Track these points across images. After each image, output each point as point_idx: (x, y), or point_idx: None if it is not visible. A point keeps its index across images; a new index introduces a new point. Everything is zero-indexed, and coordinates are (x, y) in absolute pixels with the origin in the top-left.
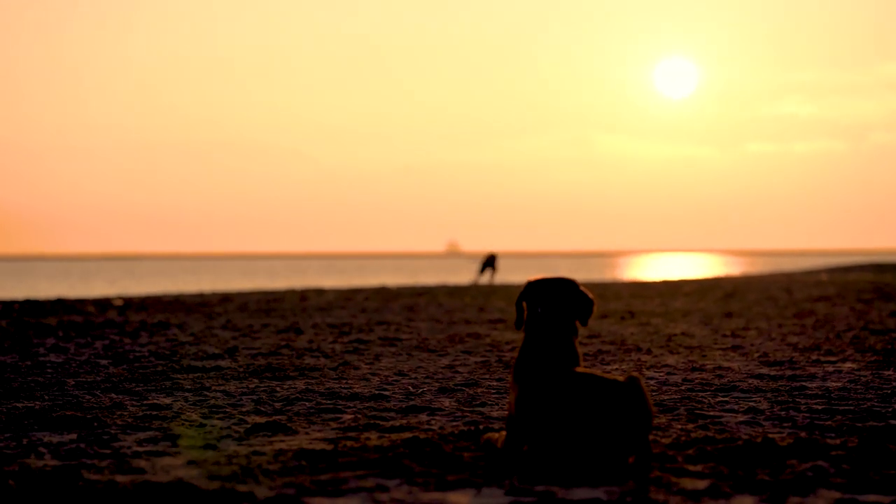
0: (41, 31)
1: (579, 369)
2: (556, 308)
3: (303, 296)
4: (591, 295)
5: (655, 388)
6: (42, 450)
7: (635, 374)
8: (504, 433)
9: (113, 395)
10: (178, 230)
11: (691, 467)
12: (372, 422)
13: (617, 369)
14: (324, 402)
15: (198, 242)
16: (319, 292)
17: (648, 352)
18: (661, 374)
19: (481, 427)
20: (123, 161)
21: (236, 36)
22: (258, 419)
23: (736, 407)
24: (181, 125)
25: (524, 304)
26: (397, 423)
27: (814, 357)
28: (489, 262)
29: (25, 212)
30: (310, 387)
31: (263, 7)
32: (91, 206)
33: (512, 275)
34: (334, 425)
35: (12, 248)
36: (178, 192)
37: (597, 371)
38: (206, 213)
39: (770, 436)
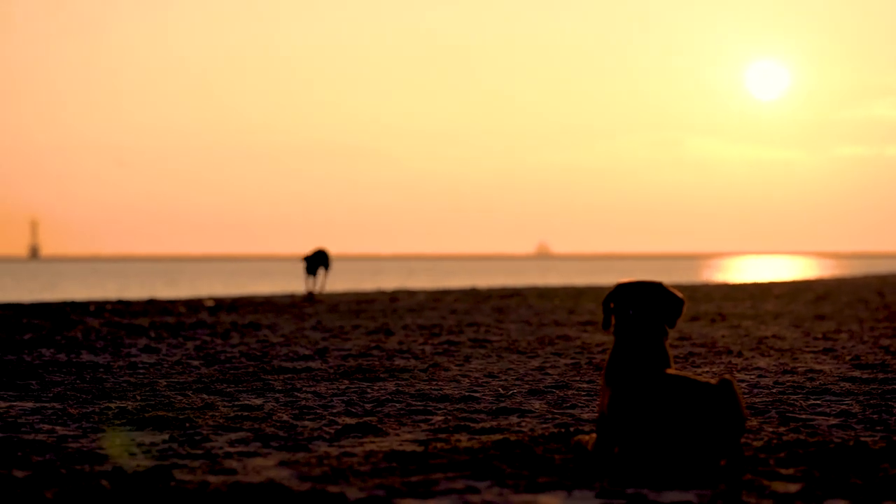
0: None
1: (670, 371)
2: (647, 310)
3: (393, 297)
4: (680, 295)
5: (747, 390)
6: (135, 450)
7: (727, 376)
8: (594, 435)
9: (204, 396)
10: (266, 232)
11: (783, 471)
12: (462, 423)
13: (708, 372)
14: (414, 403)
15: (285, 244)
16: (410, 294)
17: (739, 354)
18: (753, 376)
19: (571, 429)
20: (204, 164)
21: (325, 35)
22: (349, 420)
23: (828, 410)
24: (261, 127)
25: (612, 305)
26: (487, 425)
27: None
28: (317, 260)
29: (102, 212)
30: (400, 388)
31: (349, 5)
32: (171, 207)
33: (600, 277)
34: (425, 427)
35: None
36: (262, 195)
37: (688, 373)
38: (292, 215)
39: (862, 439)
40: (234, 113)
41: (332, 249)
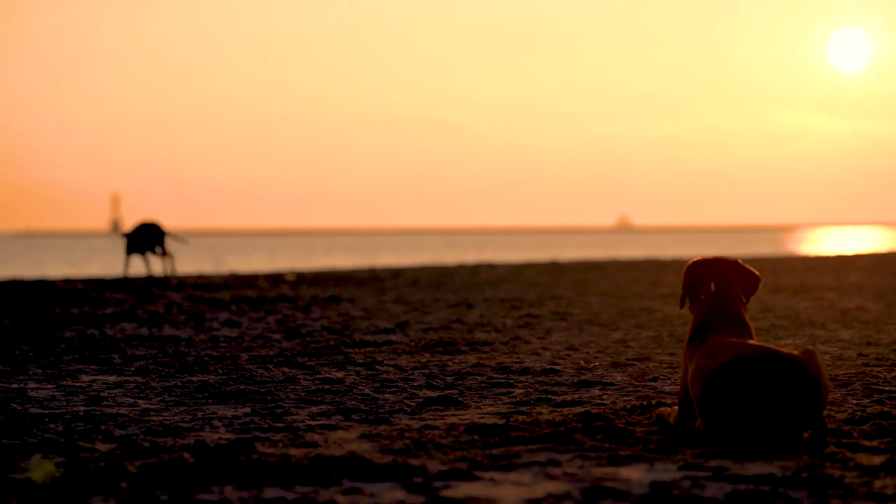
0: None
1: (752, 342)
2: (727, 284)
3: (474, 270)
4: (756, 272)
5: (830, 362)
6: (217, 423)
7: (811, 347)
8: (676, 408)
9: (286, 369)
10: (348, 206)
11: (867, 443)
12: (543, 396)
13: (790, 344)
14: (495, 376)
15: (365, 218)
16: (490, 267)
17: (822, 326)
18: (836, 348)
19: (653, 402)
20: (284, 139)
21: (405, 7)
22: (430, 393)
23: None
24: (344, 102)
25: (690, 280)
26: (569, 398)
27: None
28: (145, 237)
29: (182, 187)
30: (481, 361)
31: None
32: (250, 182)
33: (682, 249)
34: (506, 399)
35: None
36: (342, 170)
37: (771, 345)
38: (373, 189)
39: None
40: (316, 88)
41: (415, 223)
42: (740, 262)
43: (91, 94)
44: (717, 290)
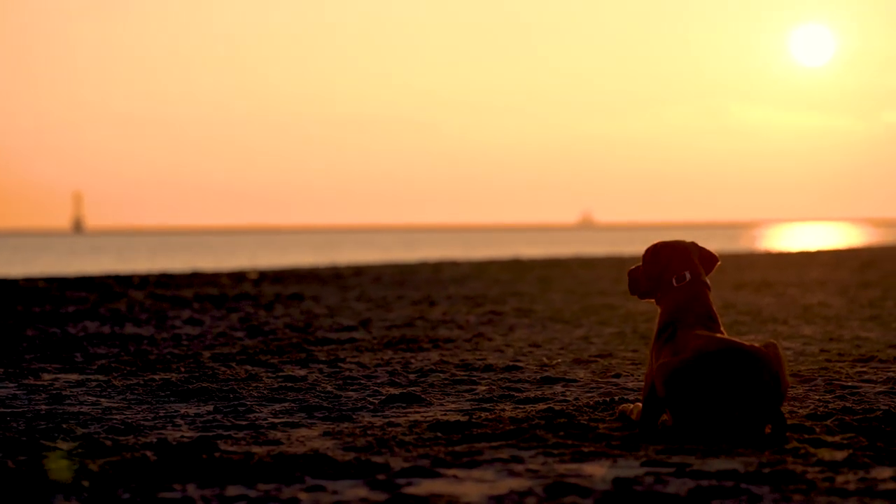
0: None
1: (717, 335)
2: (699, 272)
3: (436, 267)
4: (714, 252)
5: (792, 358)
6: (179, 421)
7: (773, 341)
8: (639, 404)
9: (248, 367)
10: (311, 204)
11: (829, 438)
12: (506, 393)
13: (753, 339)
14: (458, 373)
15: (328, 215)
16: (453, 264)
17: (785, 322)
18: (798, 344)
19: (616, 398)
20: (246, 136)
21: (372, 4)
22: (393, 391)
23: (874, 377)
24: (307, 99)
25: (658, 268)
26: (532, 395)
27: None
28: None
29: (145, 185)
30: (444, 358)
31: None
32: (213, 180)
33: (645, 246)
34: (468, 397)
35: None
36: (306, 167)
37: (734, 338)
38: (336, 186)
39: None
40: (282, 85)
41: (379, 220)
42: (696, 243)
43: (50, 92)
44: (693, 279)
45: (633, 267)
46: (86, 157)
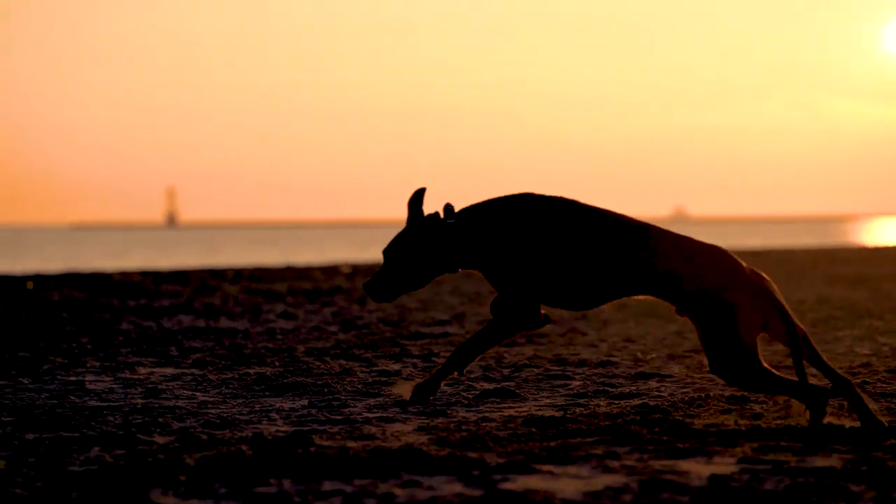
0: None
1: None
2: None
3: None
4: None
5: (889, 354)
6: (274, 416)
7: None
8: None
9: (342, 362)
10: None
11: None
12: (601, 388)
13: (848, 335)
14: (552, 368)
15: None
16: None
17: (880, 317)
18: (894, 340)
19: (711, 394)
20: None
21: None
22: (487, 386)
23: None
24: (396, 93)
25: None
26: (626, 390)
27: None
28: None
29: (239, 179)
30: (538, 353)
31: None
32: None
33: (740, 240)
34: (563, 392)
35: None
36: (399, 161)
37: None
38: (425, 179)
39: None
40: (374, 80)
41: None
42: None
43: (146, 90)
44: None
45: None
46: (179, 152)
